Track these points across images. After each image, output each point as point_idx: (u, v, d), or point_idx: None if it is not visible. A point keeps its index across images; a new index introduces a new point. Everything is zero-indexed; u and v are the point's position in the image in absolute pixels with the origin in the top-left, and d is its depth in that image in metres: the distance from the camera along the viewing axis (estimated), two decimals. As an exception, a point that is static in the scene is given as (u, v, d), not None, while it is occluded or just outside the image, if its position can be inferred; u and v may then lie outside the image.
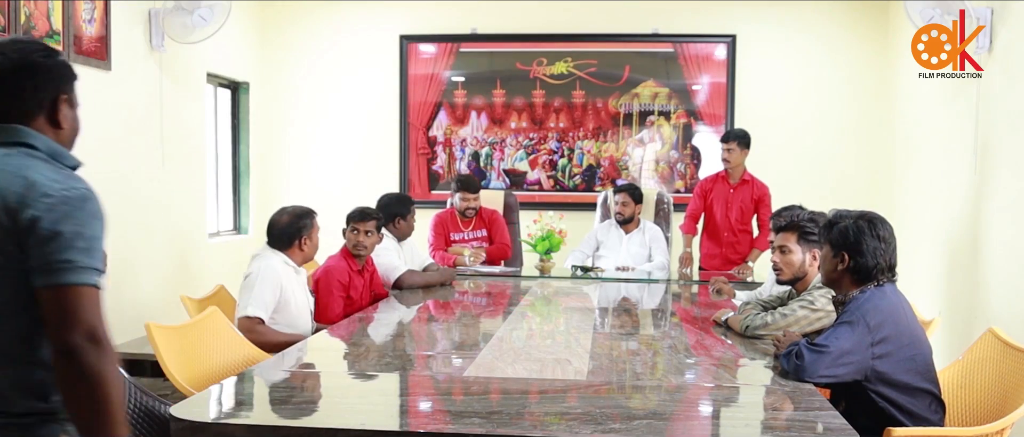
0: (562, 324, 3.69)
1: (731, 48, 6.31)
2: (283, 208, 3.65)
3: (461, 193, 5.16)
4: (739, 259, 5.23)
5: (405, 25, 6.52)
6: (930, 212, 5.18)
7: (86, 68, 4.32)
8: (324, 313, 3.78)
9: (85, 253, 1.54)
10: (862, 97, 6.26)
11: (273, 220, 3.60)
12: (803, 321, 2.98)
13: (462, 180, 5.25)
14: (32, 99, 1.66)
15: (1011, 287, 3.97)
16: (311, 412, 2.23)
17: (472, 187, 5.19)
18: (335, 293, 3.82)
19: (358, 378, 2.64)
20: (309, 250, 3.60)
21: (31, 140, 1.63)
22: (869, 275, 2.56)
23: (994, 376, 2.72)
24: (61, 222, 1.53)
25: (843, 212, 2.67)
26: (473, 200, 5.18)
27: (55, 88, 1.69)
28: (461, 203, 5.18)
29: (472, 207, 5.20)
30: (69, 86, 1.72)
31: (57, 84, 1.69)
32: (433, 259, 5.03)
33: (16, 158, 1.61)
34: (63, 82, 1.71)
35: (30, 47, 1.68)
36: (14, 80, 1.64)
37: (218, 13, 4.92)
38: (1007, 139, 4.11)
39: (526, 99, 6.51)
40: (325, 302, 3.81)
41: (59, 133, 1.70)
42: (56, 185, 1.56)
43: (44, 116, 1.68)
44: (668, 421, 2.13)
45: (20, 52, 1.66)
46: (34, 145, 1.63)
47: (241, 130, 6.36)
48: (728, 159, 5.19)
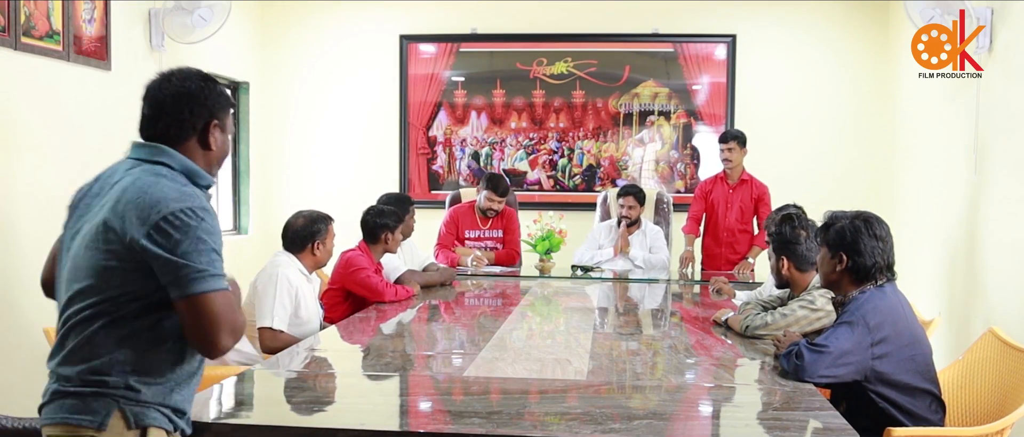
0: (562, 324, 3.69)
1: (731, 48, 6.31)
2: (299, 211, 3.66)
3: (488, 192, 5.15)
4: (739, 258, 5.25)
5: (405, 25, 6.52)
6: (930, 212, 5.18)
7: (86, 68, 4.32)
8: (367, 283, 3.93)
9: (208, 263, 1.75)
10: (862, 97, 6.25)
11: (289, 223, 3.61)
12: (803, 321, 2.98)
13: (491, 179, 5.21)
14: (187, 123, 1.89)
15: (1011, 287, 3.97)
16: (311, 412, 2.23)
17: (499, 189, 5.16)
18: (367, 267, 3.95)
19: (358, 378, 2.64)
20: (322, 255, 3.60)
21: (167, 159, 1.86)
22: (868, 275, 2.56)
23: (994, 376, 2.72)
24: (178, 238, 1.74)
25: (839, 213, 2.67)
26: (497, 202, 5.17)
27: (208, 114, 1.91)
28: (485, 202, 5.17)
29: (495, 209, 5.20)
30: (222, 113, 1.94)
31: (210, 111, 1.91)
32: (437, 257, 5.04)
33: (148, 175, 1.82)
34: (217, 109, 1.93)
35: (190, 75, 1.92)
36: (174, 106, 1.88)
37: (218, 13, 4.92)
38: (1007, 139, 4.11)
39: (526, 99, 6.51)
40: (362, 277, 3.92)
41: (208, 154, 1.93)
42: (173, 204, 1.76)
43: (196, 138, 1.91)
44: (668, 421, 2.13)
45: (182, 80, 1.90)
46: (170, 164, 1.86)
47: (241, 130, 6.36)
48: (729, 159, 5.22)
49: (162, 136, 1.89)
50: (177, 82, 1.90)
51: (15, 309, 3.80)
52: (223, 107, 1.95)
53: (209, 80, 1.94)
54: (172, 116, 1.88)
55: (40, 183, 3.96)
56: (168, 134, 1.89)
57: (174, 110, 1.88)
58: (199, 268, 1.73)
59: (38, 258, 2.02)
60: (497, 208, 5.20)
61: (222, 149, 1.97)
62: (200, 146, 1.92)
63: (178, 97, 1.89)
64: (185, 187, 1.82)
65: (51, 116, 4.08)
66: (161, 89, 1.90)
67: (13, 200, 3.79)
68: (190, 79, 1.91)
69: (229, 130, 2.00)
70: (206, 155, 1.93)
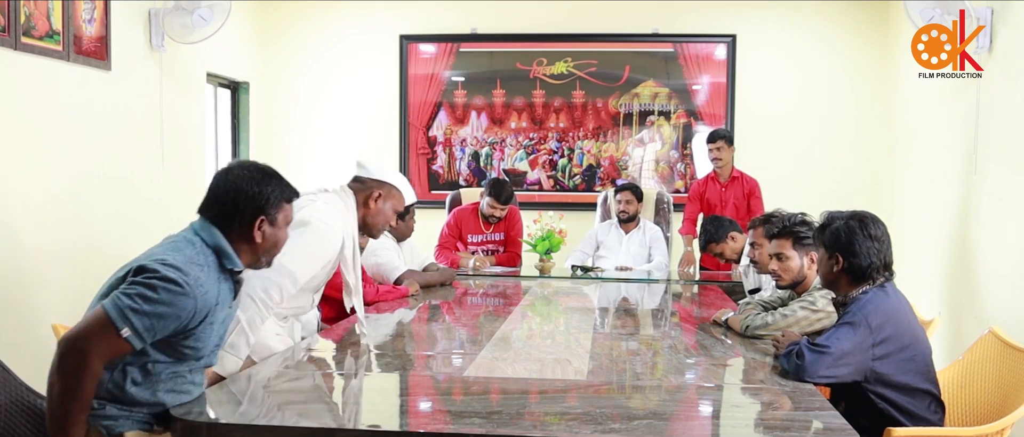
0: (562, 324, 3.69)
1: (731, 48, 6.31)
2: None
3: (490, 199, 5.13)
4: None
5: (405, 25, 6.52)
6: (930, 212, 5.18)
7: (86, 68, 4.32)
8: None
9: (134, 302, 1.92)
10: (862, 97, 6.26)
11: None
12: (804, 322, 2.98)
13: (494, 186, 5.16)
14: (235, 217, 2.13)
15: (1011, 287, 3.97)
16: (311, 412, 2.22)
17: (502, 197, 5.12)
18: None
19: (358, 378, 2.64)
20: None
21: (204, 234, 2.10)
22: (865, 274, 2.56)
23: (994, 376, 2.72)
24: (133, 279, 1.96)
25: (835, 213, 2.67)
26: (500, 210, 5.16)
27: (255, 211, 2.14)
28: (488, 209, 5.16)
29: (497, 216, 5.19)
30: (271, 210, 2.16)
31: (260, 207, 2.14)
32: (437, 259, 5.03)
33: (178, 238, 2.10)
34: (268, 206, 2.15)
35: (247, 169, 2.16)
36: (224, 197, 2.13)
37: (218, 13, 4.92)
38: (1007, 139, 4.11)
39: (526, 99, 6.51)
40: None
41: (255, 246, 2.17)
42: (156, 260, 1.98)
43: (242, 231, 2.14)
44: (668, 421, 2.13)
45: (237, 175, 2.14)
46: (204, 238, 2.10)
47: (241, 130, 6.36)
48: (718, 158, 5.33)
49: (215, 219, 2.13)
50: (235, 174, 2.14)
51: (17, 308, 3.80)
52: (274, 203, 2.16)
53: (267, 176, 2.17)
54: (224, 205, 2.13)
55: (40, 183, 3.96)
56: (219, 219, 2.13)
57: (226, 200, 2.13)
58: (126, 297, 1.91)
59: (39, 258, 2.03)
60: (500, 215, 5.19)
61: (273, 241, 2.20)
62: (244, 239, 2.14)
63: (227, 192, 2.13)
64: (195, 256, 2.03)
65: (51, 116, 4.07)
66: (222, 179, 2.15)
67: (13, 200, 3.79)
68: (245, 175, 2.14)
69: (281, 224, 2.21)
70: (252, 247, 2.16)
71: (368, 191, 2.95)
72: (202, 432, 1.99)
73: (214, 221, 2.13)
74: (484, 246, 5.31)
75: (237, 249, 2.15)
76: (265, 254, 2.20)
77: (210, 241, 2.10)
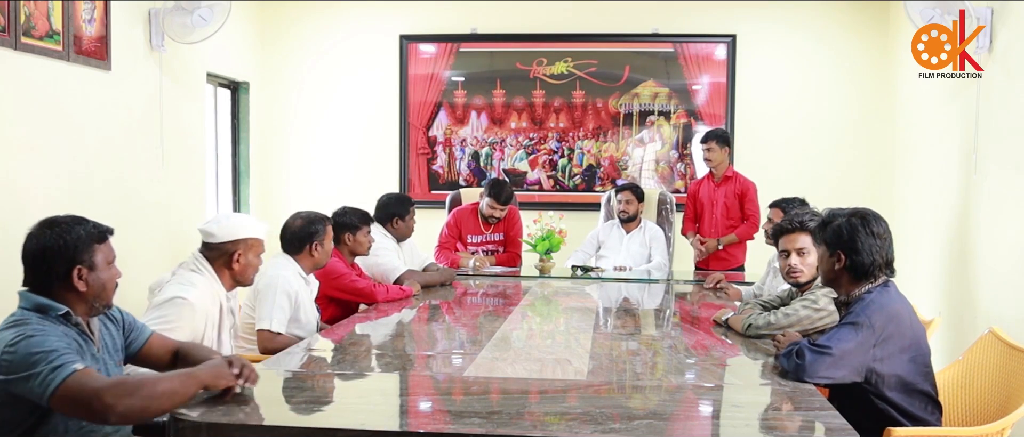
0: (562, 324, 3.69)
1: (731, 48, 6.31)
2: (297, 213, 3.63)
3: (490, 200, 5.13)
4: (730, 256, 5.31)
5: (405, 25, 6.52)
6: (930, 212, 5.18)
7: (86, 68, 4.32)
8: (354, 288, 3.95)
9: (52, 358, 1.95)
10: (862, 97, 6.26)
11: (286, 224, 3.59)
12: (805, 321, 2.98)
13: (494, 186, 5.16)
14: (50, 275, 2.11)
15: (1011, 287, 3.97)
16: (311, 412, 2.22)
17: (502, 198, 5.12)
18: (348, 272, 3.96)
19: (358, 378, 2.64)
20: (320, 256, 3.58)
21: (24, 303, 2.10)
22: (867, 272, 2.55)
23: (994, 377, 2.72)
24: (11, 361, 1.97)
25: (836, 210, 2.66)
26: (499, 210, 5.16)
27: (68, 263, 2.10)
28: (487, 210, 5.16)
29: (497, 216, 5.19)
30: (83, 256, 2.12)
31: (69, 258, 2.11)
32: (437, 259, 5.03)
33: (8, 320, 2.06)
34: (78, 255, 2.11)
35: (45, 233, 2.12)
36: (34, 262, 2.12)
37: (218, 13, 4.92)
38: (1007, 139, 4.11)
39: (526, 99, 6.51)
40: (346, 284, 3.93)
41: (82, 295, 2.13)
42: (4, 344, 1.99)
43: (62, 286, 2.11)
44: (668, 421, 2.13)
45: (37, 237, 2.12)
46: (24, 306, 2.09)
47: (241, 130, 6.36)
48: (710, 158, 5.36)
49: (34, 288, 2.13)
50: (36, 237, 2.13)
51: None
52: (84, 248, 2.13)
53: (68, 226, 2.14)
54: (37, 270, 2.12)
55: (40, 183, 3.96)
56: (38, 287, 2.12)
57: (37, 265, 2.12)
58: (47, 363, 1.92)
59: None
60: (499, 215, 5.19)
61: (96, 286, 2.15)
62: (68, 290, 2.12)
63: (37, 254, 2.11)
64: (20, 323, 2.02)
65: (51, 116, 4.07)
66: (26, 246, 2.13)
67: (13, 200, 3.79)
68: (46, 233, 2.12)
69: (102, 265, 2.16)
70: (79, 296, 2.13)
71: (227, 255, 2.91)
72: (202, 432, 1.99)
73: (34, 289, 2.12)
74: (484, 246, 5.31)
75: (66, 305, 2.12)
76: (96, 300, 2.16)
77: (28, 305, 2.09)
